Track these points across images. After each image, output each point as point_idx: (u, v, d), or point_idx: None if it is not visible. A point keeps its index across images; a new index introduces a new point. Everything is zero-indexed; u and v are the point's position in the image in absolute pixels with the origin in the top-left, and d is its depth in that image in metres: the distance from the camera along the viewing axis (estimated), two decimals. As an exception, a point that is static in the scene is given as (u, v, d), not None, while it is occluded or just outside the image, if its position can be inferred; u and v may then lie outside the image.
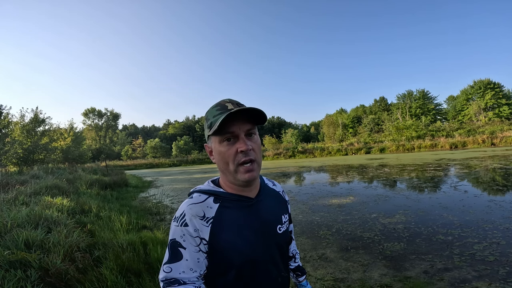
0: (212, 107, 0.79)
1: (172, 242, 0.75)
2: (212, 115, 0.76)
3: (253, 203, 0.82)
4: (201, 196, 0.80)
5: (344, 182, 9.14)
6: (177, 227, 0.75)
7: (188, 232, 0.74)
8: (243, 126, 0.75)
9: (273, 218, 0.86)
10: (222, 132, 0.74)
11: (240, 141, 0.75)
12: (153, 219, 5.48)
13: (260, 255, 0.80)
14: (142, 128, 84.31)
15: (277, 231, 0.86)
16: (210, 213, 0.76)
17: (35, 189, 6.33)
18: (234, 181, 0.79)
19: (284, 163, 22.99)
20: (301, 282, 1.04)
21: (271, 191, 0.93)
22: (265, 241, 0.81)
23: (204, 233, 0.74)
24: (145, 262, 2.86)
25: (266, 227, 0.83)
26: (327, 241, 3.76)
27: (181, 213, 0.76)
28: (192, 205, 0.77)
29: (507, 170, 8.86)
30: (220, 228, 0.75)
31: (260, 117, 0.76)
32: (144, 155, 50.84)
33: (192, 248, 0.74)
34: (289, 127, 56.00)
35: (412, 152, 24.00)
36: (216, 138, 0.77)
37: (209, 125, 0.77)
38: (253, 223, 0.80)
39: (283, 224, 0.88)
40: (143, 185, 12.45)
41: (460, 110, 44.71)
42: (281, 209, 0.91)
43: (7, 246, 2.73)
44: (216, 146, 0.78)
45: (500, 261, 2.78)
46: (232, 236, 0.76)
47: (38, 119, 16.65)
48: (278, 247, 0.86)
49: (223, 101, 0.78)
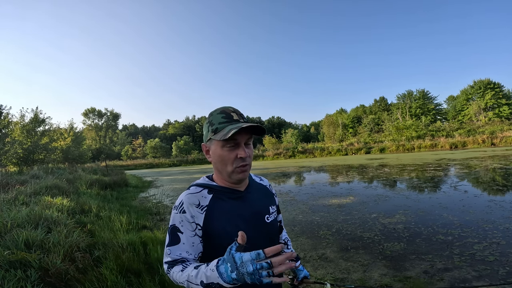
0: (217, 113, 0.88)
1: (172, 227, 0.85)
2: (218, 121, 0.86)
3: (243, 195, 0.93)
4: (197, 188, 0.90)
5: (344, 182, 9.14)
6: (176, 214, 0.85)
7: (185, 218, 0.83)
8: (244, 136, 0.85)
9: (261, 209, 0.96)
10: (227, 139, 0.81)
11: (240, 148, 0.85)
12: (153, 219, 5.49)
13: (250, 241, 0.84)
14: (142, 128, 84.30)
15: (265, 220, 0.95)
16: (204, 202, 0.86)
17: (35, 189, 6.33)
18: (228, 179, 0.90)
19: (284, 163, 23.00)
20: (298, 267, 1.12)
21: (259, 185, 1.04)
22: (253, 228, 0.89)
23: (199, 219, 0.84)
24: (145, 262, 2.86)
25: (255, 216, 0.92)
26: (327, 241, 3.76)
27: (180, 202, 0.86)
28: (189, 194, 0.87)
29: (507, 170, 8.86)
30: (213, 215, 0.85)
31: (260, 131, 0.87)
32: (144, 155, 50.84)
33: (189, 232, 0.83)
34: (289, 127, 56.04)
35: (412, 152, 24.00)
36: (218, 143, 0.86)
37: (214, 130, 0.86)
38: (243, 213, 0.90)
39: (270, 214, 0.98)
40: (143, 185, 12.45)
41: (460, 110, 44.74)
42: (268, 201, 1.01)
43: (7, 246, 2.73)
44: (217, 149, 0.87)
45: (500, 261, 2.78)
46: (224, 223, 0.85)
47: (38, 119, 16.67)
48: (268, 235, 0.95)
49: (228, 110, 0.88)
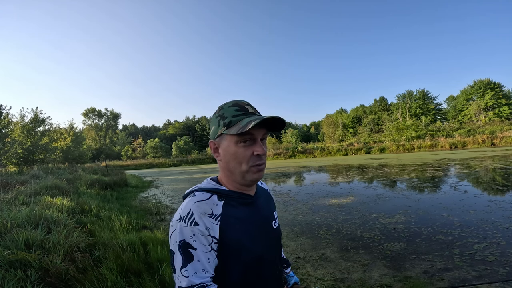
0: (229, 106, 0.78)
1: (182, 243, 0.70)
2: (231, 114, 0.76)
3: (254, 201, 0.84)
4: (205, 194, 0.77)
5: (344, 182, 9.14)
6: (185, 227, 0.70)
7: (199, 232, 0.70)
8: (261, 130, 0.77)
9: (268, 214, 0.89)
10: (243, 133, 0.72)
11: (257, 144, 0.76)
12: (153, 219, 5.49)
13: (265, 250, 0.82)
14: (142, 128, 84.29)
15: (273, 226, 0.89)
16: (217, 210, 0.74)
17: (35, 189, 6.33)
18: (241, 181, 0.79)
19: (284, 163, 23.00)
20: (288, 273, 1.07)
21: (262, 189, 0.97)
22: (266, 236, 0.84)
23: (215, 231, 0.72)
24: (145, 262, 2.86)
25: (266, 223, 0.86)
26: (327, 241, 3.76)
27: (188, 212, 0.71)
28: (198, 202, 0.74)
29: (507, 170, 8.86)
30: (227, 226, 0.74)
31: (279, 126, 0.79)
32: (144, 155, 50.84)
33: (203, 248, 0.70)
34: (289, 127, 55.99)
35: (412, 152, 24.00)
36: (232, 138, 0.75)
37: (227, 124, 0.75)
38: (256, 220, 0.82)
39: (275, 219, 0.93)
40: (143, 185, 12.45)
41: (460, 110, 44.73)
42: (272, 205, 0.96)
43: (7, 246, 2.72)
44: (230, 145, 0.76)
45: (500, 261, 2.78)
46: (239, 233, 0.75)
47: (38, 119, 16.64)
48: (277, 241, 0.90)
49: (241, 103, 0.79)
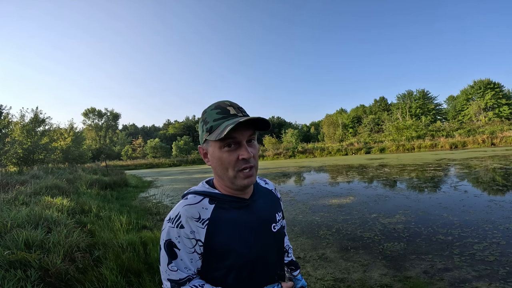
0: (211, 109, 0.76)
1: (168, 242, 0.74)
2: (212, 118, 0.74)
3: (248, 204, 0.82)
4: (196, 197, 0.78)
5: (344, 182, 9.14)
6: (172, 229, 0.73)
7: (184, 234, 0.73)
8: (245, 132, 0.73)
9: (267, 217, 0.86)
10: (224, 138, 0.70)
11: (242, 148, 0.73)
12: (153, 219, 5.48)
13: (258, 255, 0.80)
14: (142, 128, 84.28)
15: (272, 230, 0.86)
16: (205, 214, 0.75)
17: (35, 189, 6.33)
18: (231, 186, 0.78)
19: (284, 163, 22.99)
20: (296, 276, 1.04)
21: (264, 190, 0.93)
22: (261, 241, 0.81)
23: (200, 235, 0.73)
24: (145, 262, 2.86)
25: (262, 227, 0.83)
26: (327, 241, 3.76)
27: (177, 215, 0.74)
28: (187, 206, 0.75)
29: (507, 170, 8.86)
30: (216, 230, 0.74)
31: (263, 125, 0.74)
32: (144, 155, 50.83)
33: (187, 249, 0.73)
34: (289, 127, 55.94)
35: (412, 152, 23.99)
36: (216, 143, 0.74)
37: (209, 129, 0.74)
38: (249, 224, 0.80)
39: (277, 222, 0.89)
40: (143, 185, 12.45)
41: (460, 110, 44.72)
42: (274, 207, 0.92)
43: (7, 246, 2.72)
44: (215, 151, 0.75)
45: (500, 261, 2.78)
46: (229, 237, 0.75)
47: (38, 119, 16.64)
48: (274, 246, 0.87)
49: (223, 104, 0.76)
